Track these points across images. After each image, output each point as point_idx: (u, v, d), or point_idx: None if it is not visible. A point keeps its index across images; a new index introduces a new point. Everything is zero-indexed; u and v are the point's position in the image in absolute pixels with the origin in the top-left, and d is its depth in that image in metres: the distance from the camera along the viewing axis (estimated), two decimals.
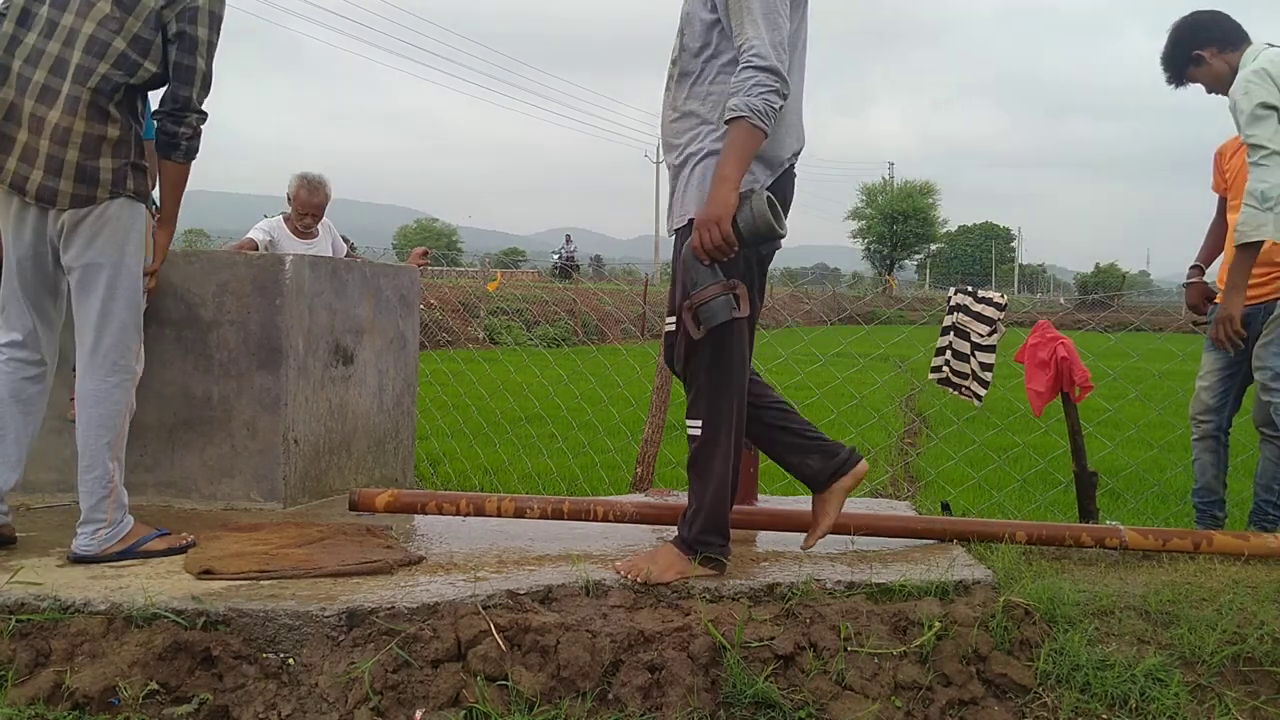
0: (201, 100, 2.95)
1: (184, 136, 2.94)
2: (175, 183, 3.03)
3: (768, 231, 2.55)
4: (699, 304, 2.57)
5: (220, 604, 2.47)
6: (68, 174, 2.78)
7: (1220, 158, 4.04)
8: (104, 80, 2.80)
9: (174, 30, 2.87)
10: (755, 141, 2.56)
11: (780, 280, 52.55)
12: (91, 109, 2.79)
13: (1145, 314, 15.28)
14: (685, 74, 2.75)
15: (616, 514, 3.18)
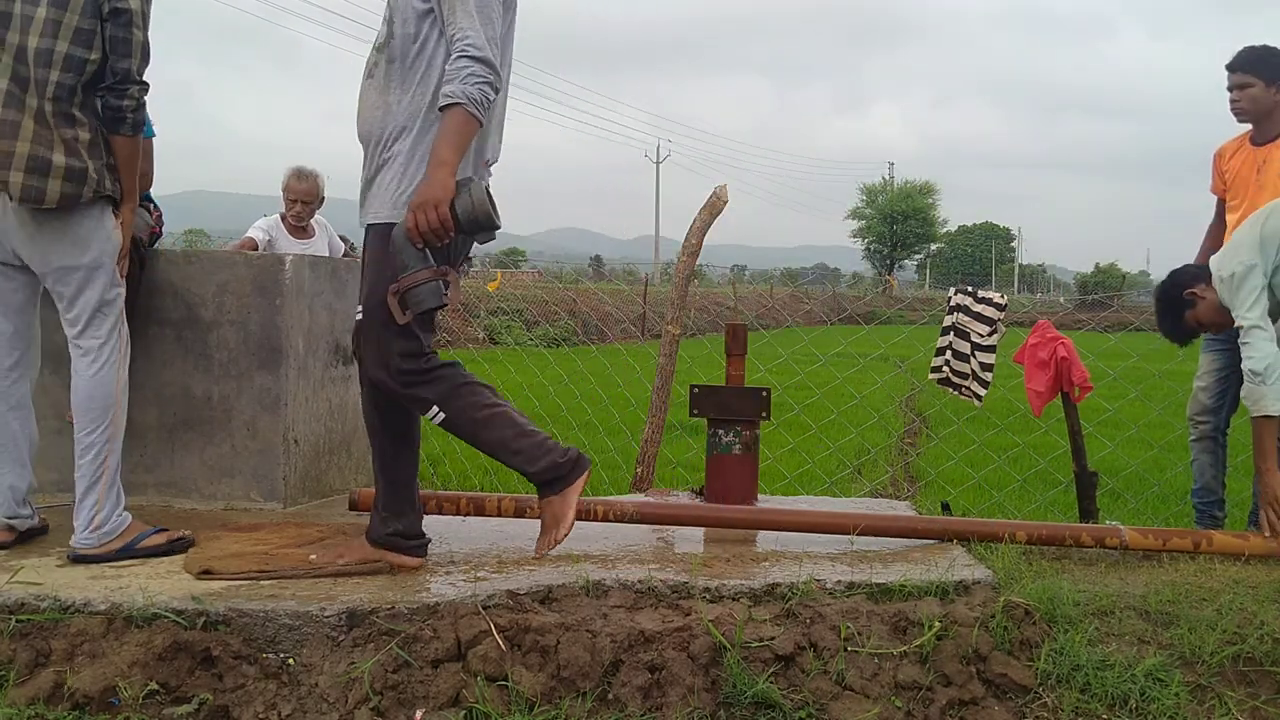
0: (141, 71, 2.95)
1: (128, 110, 2.94)
2: (128, 157, 2.99)
3: (486, 220, 2.55)
4: (408, 288, 2.54)
5: (220, 604, 2.47)
6: (56, 174, 2.82)
7: (1219, 159, 4.05)
8: (58, 88, 2.83)
9: (108, 9, 2.88)
10: (471, 129, 2.56)
11: (780, 280, 52.53)
12: (59, 118, 2.84)
13: (1145, 314, 15.29)
14: (393, 61, 2.70)
15: (617, 514, 3.18)
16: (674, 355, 4.34)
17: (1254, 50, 3.85)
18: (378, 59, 2.74)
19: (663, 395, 4.35)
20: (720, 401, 3.64)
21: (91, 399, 2.94)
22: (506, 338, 17.30)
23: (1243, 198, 3.88)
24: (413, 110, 2.67)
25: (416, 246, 2.55)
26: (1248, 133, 3.95)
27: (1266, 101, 3.81)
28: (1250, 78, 3.81)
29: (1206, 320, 3.43)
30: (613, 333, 19.35)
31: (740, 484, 3.61)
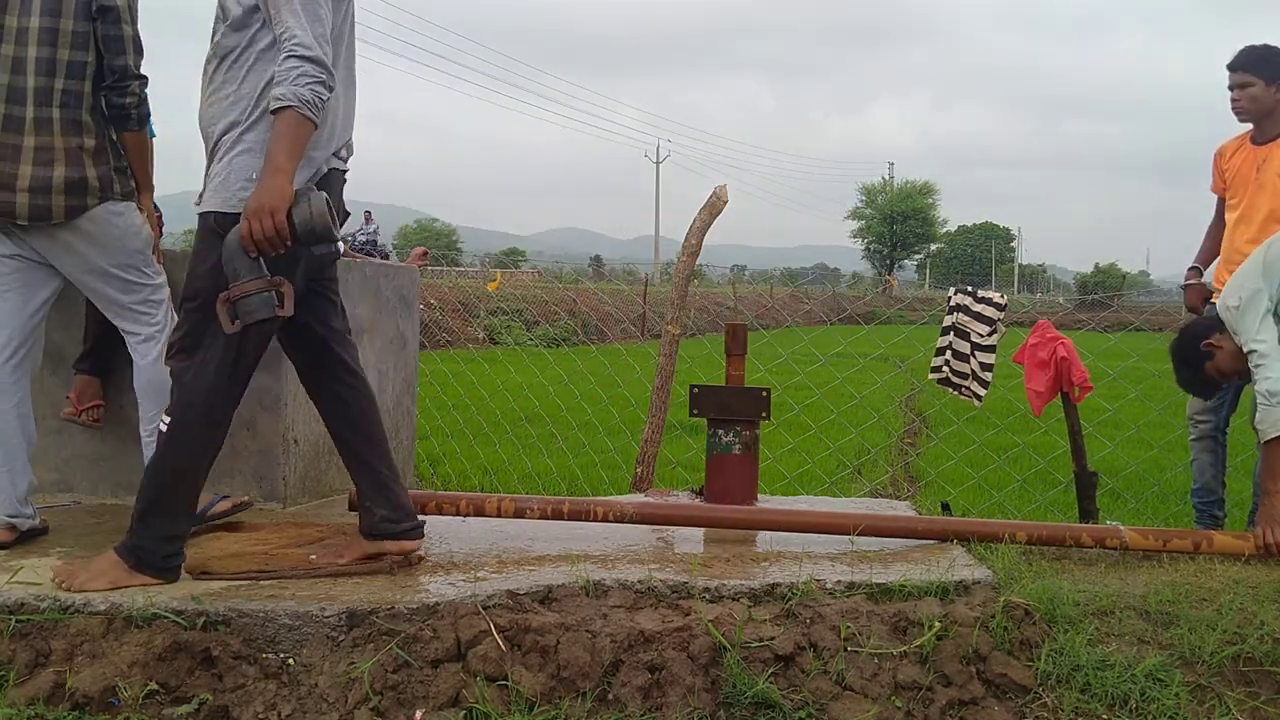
0: (138, 64, 3.01)
1: (131, 105, 3.01)
2: (138, 151, 3.09)
3: (324, 233, 2.46)
4: (238, 297, 2.44)
5: (220, 604, 2.47)
6: (57, 189, 2.90)
7: (1220, 158, 4.05)
8: (64, 94, 2.91)
9: (95, 8, 2.93)
10: (306, 131, 2.48)
11: (780, 280, 52.52)
12: (65, 124, 2.92)
13: (1145, 314, 15.28)
14: (223, 58, 2.63)
15: (616, 514, 3.18)
16: (674, 355, 4.34)
17: (1254, 49, 3.84)
18: (211, 55, 2.69)
19: (662, 395, 4.35)
20: (720, 401, 3.64)
21: (152, 384, 3.10)
22: (506, 338, 17.31)
23: (1242, 196, 3.89)
24: (241, 104, 2.59)
25: (250, 255, 2.45)
26: (1248, 132, 3.95)
27: (1267, 101, 3.81)
28: (1251, 77, 3.81)
29: (1227, 369, 3.35)
30: (612, 333, 19.35)
31: (740, 484, 3.61)
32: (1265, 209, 3.78)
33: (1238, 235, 3.86)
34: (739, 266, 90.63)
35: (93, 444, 3.67)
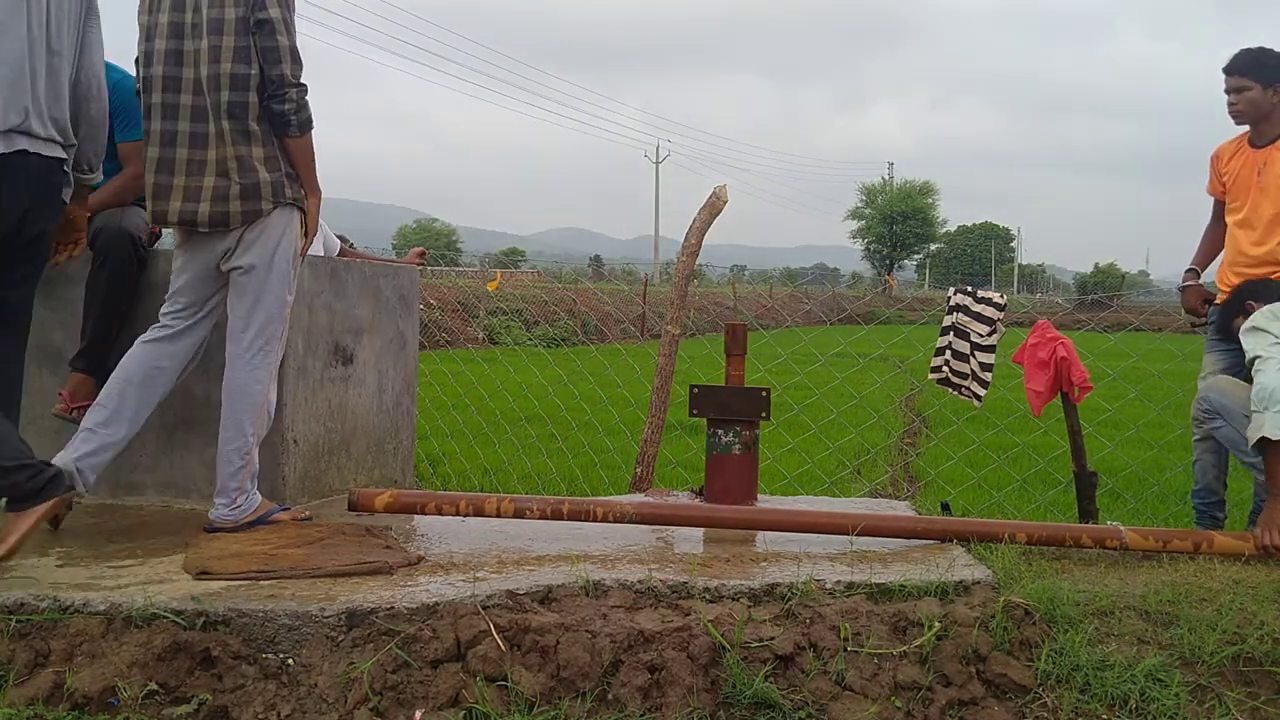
0: (295, 74, 3.13)
1: (290, 113, 3.14)
2: (302, 156, 3.23)
3: None
4: None
5: (219, 604, 2.47)
6: (234, 196, 3.12)
7: (1218, 160, 4.05)
8: (232, 106, 3.11)
9: (253, 22, 3.10)
10: None
11: (780, 280, 52.51)
12: (236, 136, 3.12)
13: (1144, 314, 15.29)
14: None
15: (616, 515, 3.18)
16: (673, 355, 4.34)
17: (1250, 53, 3.84)
18: None
19: (662, 395, 4.35)
20: (720, 401, 3.64)
21: (243, 393, 3.21)
22: (506, 338, 17.31)
23: (1244, 200, 3.88)
24: None
25: None
26: (1245, 134, 3.94)
27: (1264, 104, 3.80)
28: (1247, 80, 3.80)
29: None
30: (612, 333, 19.35)
31: (740, 484, 3.61)
32: (1269, 212, 3.77)
33: (1242, 239, 3.86)
34: (739, 266, 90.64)
35: None
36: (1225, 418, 3.38)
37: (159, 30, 3.15)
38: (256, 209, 3.14)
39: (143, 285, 3.63)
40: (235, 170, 3.11)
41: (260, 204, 3.14)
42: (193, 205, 3.12)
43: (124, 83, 3.66)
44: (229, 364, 3.24)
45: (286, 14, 3.12)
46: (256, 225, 3.16)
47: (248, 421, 3.20)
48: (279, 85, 3.10)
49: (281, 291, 3.24)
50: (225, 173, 3.12)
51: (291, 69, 3.11)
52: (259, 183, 3.13)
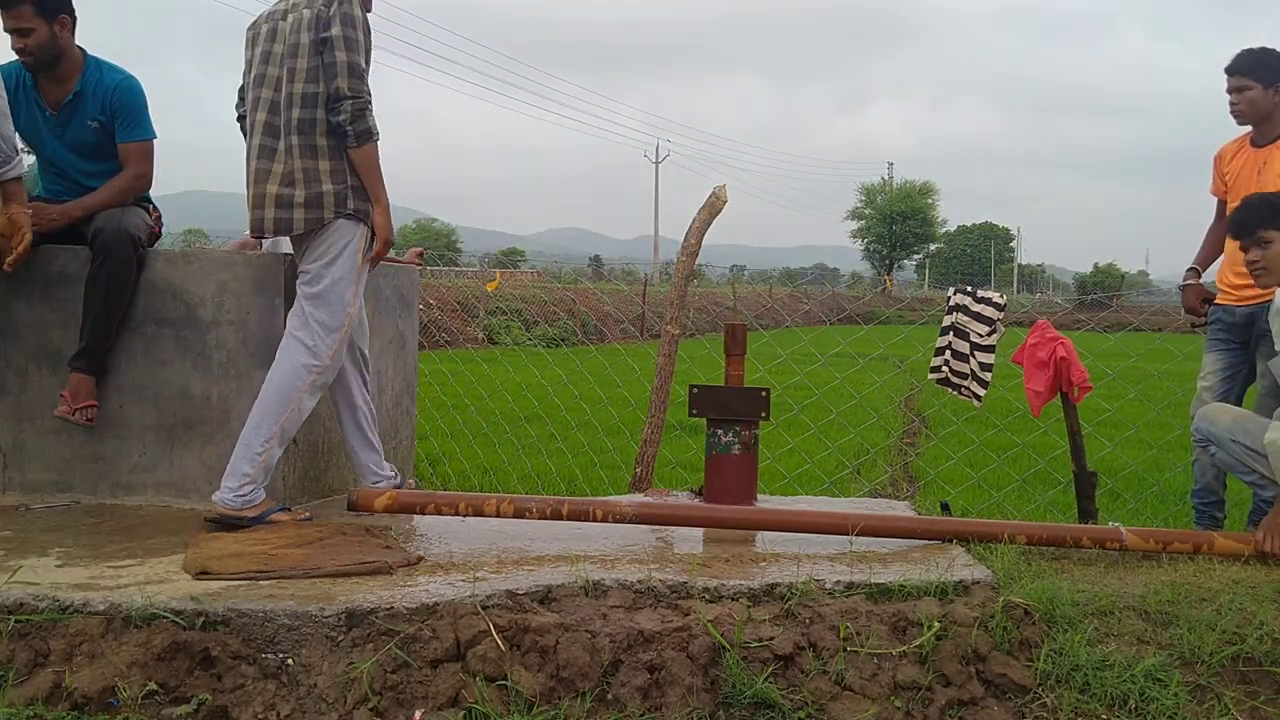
0: (353, 87, 3.27)
1: (345, 124, 3.28)
2: (363, 166, 3.36)
3: None
4: None
5: (219, 604, 2.47)
6: (298, 204, 3.31)
7: (1219, 160, 4.05)
8: (300, 123, 3.30)
9: (318, 40, 3.29)
10: None
11: (779, 280, 52.50)
12: (304, 150, 3.31)
13: (1144, 314, 15.29)
14: None
15: (616, 515, 3.18)
16: (673, 355, 4.34)
17: (1252, 53, 3.84)
18: None
19: (662, 395, 4.35)
20: (719, 401, 3.64)
21: (281, 387, 3.29)
22: (505, 338, 17.31)
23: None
24: None
25: None
26: (1248, 134, 3.95)
27: (1265, 104, 3.80)
28: (1248, 80, 3.81)
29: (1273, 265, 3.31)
30: (612, 333, 19.35)
31: (739, 484, 3.61)
32: None
33: None
34: (738, 266, 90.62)
35: (92, 444, 3.67)
36: (1216, 443, 3.41)
37: (255, 60, 3.43)
38: (318, 218, 3.32)
39: (142, 285, 3.63)
40: (301, 182, 3.31)
41: (322, 213, 3.32)
42: (260, 213, 3.36)
43: (125, 84, 3.67)
44: (277, 357, 3.35)
45: (349, 32, 3.27)
46: (320, 234, 3.34)
47: (279, 415, 3.29)
48: (336, 98, 3.27)
49: (339, 300, 3.36)
50: (291, 184, 3.32)
51: (349, 83, 3.26)
52: (321, 194, 3.31)
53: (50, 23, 3.50)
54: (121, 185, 3.66)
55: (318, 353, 3.33)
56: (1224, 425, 3.38)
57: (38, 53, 3.52)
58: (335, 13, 3.28)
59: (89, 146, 3.69)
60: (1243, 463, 3.32)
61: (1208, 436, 3.44)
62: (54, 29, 3.51)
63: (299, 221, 3.33)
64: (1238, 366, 3.87)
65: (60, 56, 3.57)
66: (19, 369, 3.70)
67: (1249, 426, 3.33)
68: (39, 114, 3.66)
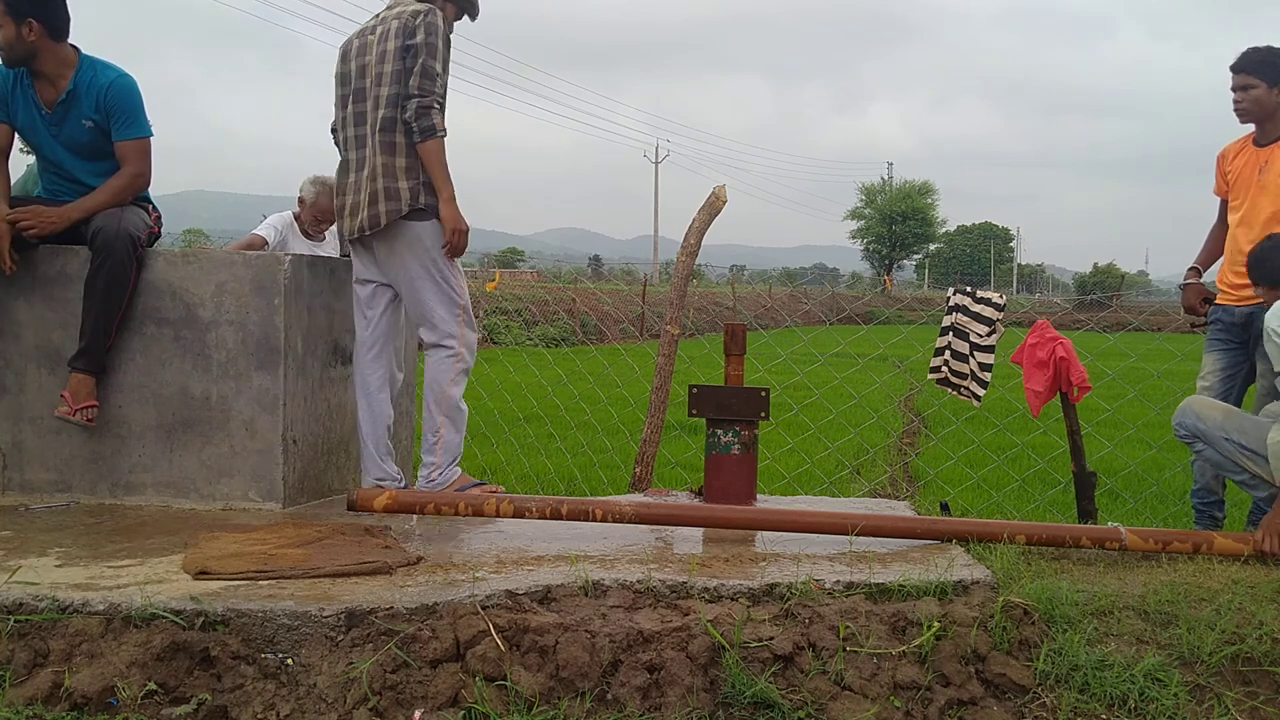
0: (422, 87, 3.49)
1: (410, 120, 3.50)
2: (428, 161, 3.53)
3: None
4: None
5: (219, 604, 2.47)
6: (377, 199, 3.53)
7: (1222, 160, 4.05)
8: (383, 122, 3.54)
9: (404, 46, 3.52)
10: None
11: (779, 280, 52.50)
12: (383, 147, 3.54)
13: (1144, 314, 15.29)
14: None
15: (615, 515, 3.18)
16: (673, 355, 4.34)
17: (1258, 51, 3.84)
18: None
19: (661, 395, 4.35)
20: (719, 401, 3.64)
21: (431, 383, 3.64)
22: (505, 337, 17.31)
23: (1244, 199, 3.89)
24: None
25: None
26: (1251, 134, 3.95)
27: (1269, 103, 3.81)
28: (1253, 79, 3.81)
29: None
30: (611, 333, 19.35)
31: (739, 484, 3.61)
32: (1267, 211, 3.78)
33: (1240, 237, 3.86)
34: (738, 266, 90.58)
35: (91, 444, 3.67)
36: (1205, 440, 3.39)
37: (351, 74, 3.66)
38: (397, 209, 3.52)
39: (141, 285, 3.63)
40: (380, 177, 3.53)
41: (400, 206, 3.52)
42: (347, 223, 3.64)
43: (119, 81, 3.66)
44: (425, 359, 3.68)
45: (431, 39, 3.51)
46: (399, 234, 3.56)
47: (435, 406, 3.64)
48: (406, 96, 3.50)
49: (445, 297, 3.61)
50: (374, 179, 3.54)
51: (419, 83, 3.48)
52: (397, 189, 3.52)
53: (18, 23, 3.49)
54: (120, 185, 3.66)
55: (447, 343, 3.61)
56: (1215, 422, 3.37)
57: (5, 50, 3.52)
58: (420, 22, 3.53)
59: (85, 146, 3.69)
60: (1235, 462, 3.31)
61: (1195, 433, 3.42)
62: (21, 30, 3.50)
63: (381, 214, 3.53)
64: (1237, 366, 3.87)
65: (34, 56, 3.56)
66: (18, 369, 3.70)
67: (1244, 425, 3.32)
68: (36, 113, 3.66)
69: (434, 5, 3.63)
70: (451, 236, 3.58)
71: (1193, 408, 3.47)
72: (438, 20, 3.56)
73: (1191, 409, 3.46)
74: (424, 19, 3.54)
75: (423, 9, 3.58)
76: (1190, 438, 3.45)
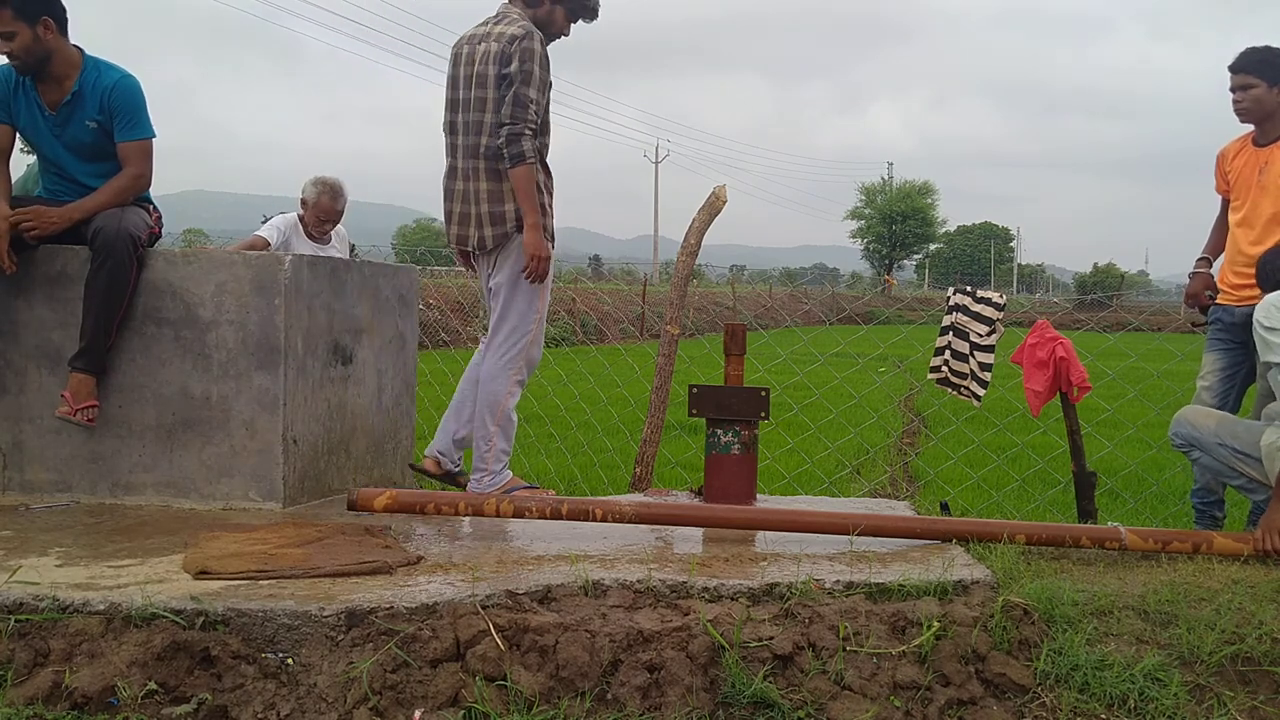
0: (514, 115, 3.63)
1: (501, 147, 3.66)
2: (517, 186, 3.67)
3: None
4: None
5: (219, 604, 2.47)
6: (484, 222, 3.74)
7: (1222, 160, 4.05)
8: (485, 149, 3.71)
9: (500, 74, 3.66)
10: None
11: (779, 280, 52.48)
12: (489, 173, 3.72)
13: (1144, 314, 15.29)
14: None
15: (615, 515, 3.18)
16: (673, 355, 4.34)
17: (1257, 51, 3.84)
18: None
19: (661, 395, 4.35)
20: (719, 401, 3.64)
21: (487, 390, 3.80)
22: None
23: (1244, 199, 3.89)
24: None
25: None
26: (1250, 134, 3.95)
27: (1270, 102, 3.81)
28: (1253, 78, 3.81)
29: None
30: (611, 333, 19.36)
31: (739, 484, 3.61)
32: (1268, 212, 3.78)
33: (1240, 237, 3.86)
34: (738, 266, 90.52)
35: (91, 444, 3.67)
36: (1200, 448, 3.41)
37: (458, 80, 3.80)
38: (502, 233, 3.72)
39: (141, 285, 3.63)
40: (485, 201, 3.73)
41: (506, 229, 3.72)
42: (455, 230, 3.83)
43: (123, 82, 3.66)
44: (484, 365, 3.83)
45: (526, 66, 3.63)
46: (504, 249, 3.74)
47: (489, 414, 3.79)
48: (499, 124, 3.66)
49: (526, 307, 3.76)
50: (479, 203, 3.74)
51: (511, 111, 3.62)
52: (503, 212, 3.71)
53: (32, 25, 3.47)
54: (120, 185, 3.66)
55: (511, 356, 3.77)
56: (1209, 429, 3.38)
57: (24, 56, 3.50)
58: (515, 49, 3.64)
59: (88, 147, 3.69)
60: (1230, 467, 3.32)
61: (1190, 441, 3.44)
62: (37, 31, 3.49)
63: (488, 238, 3.74)
64: (1237, 366, 3.87)
65: (49, 58, 3.55)
66: (18, 369, 3.70)
67: (1236, 430, 3.34)
68: (39, 114, 3.66)
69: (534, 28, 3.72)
70: (531, 262, 3.70)
71: (1186, 417, 3.50)
72: (534, 45, 3.66)
73: (1185, 419, 3.50)
74: (519, 45, 3.64)
75: (519, 34, 3.67)
76: (1186, 446, 3.47)
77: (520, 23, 3.73)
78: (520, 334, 3.78)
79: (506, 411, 3.81)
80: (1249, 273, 3.77)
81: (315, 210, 5.28)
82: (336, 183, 5.34)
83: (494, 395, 3.79)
